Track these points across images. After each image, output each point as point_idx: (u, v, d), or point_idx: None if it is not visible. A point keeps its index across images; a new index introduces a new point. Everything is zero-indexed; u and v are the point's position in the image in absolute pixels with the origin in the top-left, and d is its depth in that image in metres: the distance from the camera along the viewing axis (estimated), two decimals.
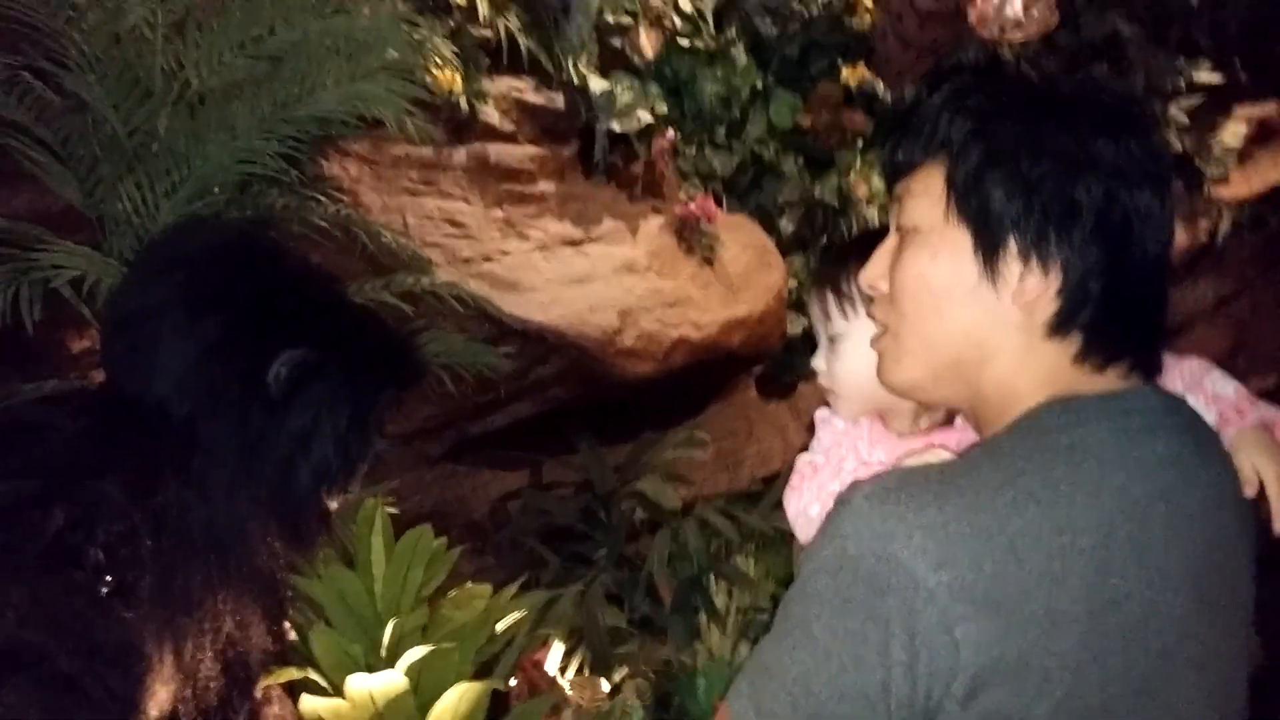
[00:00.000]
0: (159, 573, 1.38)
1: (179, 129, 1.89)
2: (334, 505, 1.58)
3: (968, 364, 0.94)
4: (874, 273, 1.01)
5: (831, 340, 1.23)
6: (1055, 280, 0.90)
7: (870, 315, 1.05)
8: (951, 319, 0.94)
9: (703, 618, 2.70)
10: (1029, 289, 0.91)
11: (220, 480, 1.42)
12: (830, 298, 1.21)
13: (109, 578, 1.28)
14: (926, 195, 0.95)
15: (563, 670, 2.57)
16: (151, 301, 1.43)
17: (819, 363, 1.26)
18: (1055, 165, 0.90)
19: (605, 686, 2.51)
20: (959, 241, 0.93)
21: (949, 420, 1.21)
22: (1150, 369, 0.95)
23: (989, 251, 0.91)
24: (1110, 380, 0.93)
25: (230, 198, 2.03)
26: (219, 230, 1.65)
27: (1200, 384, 1.09)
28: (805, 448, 1.32)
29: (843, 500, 0.87)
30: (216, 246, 1.51)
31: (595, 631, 2.59)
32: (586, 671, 2.60)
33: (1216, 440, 0.98)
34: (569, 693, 2.42)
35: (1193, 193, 4.71)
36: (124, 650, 1.30)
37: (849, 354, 1.19)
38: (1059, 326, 0.91)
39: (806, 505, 1.19)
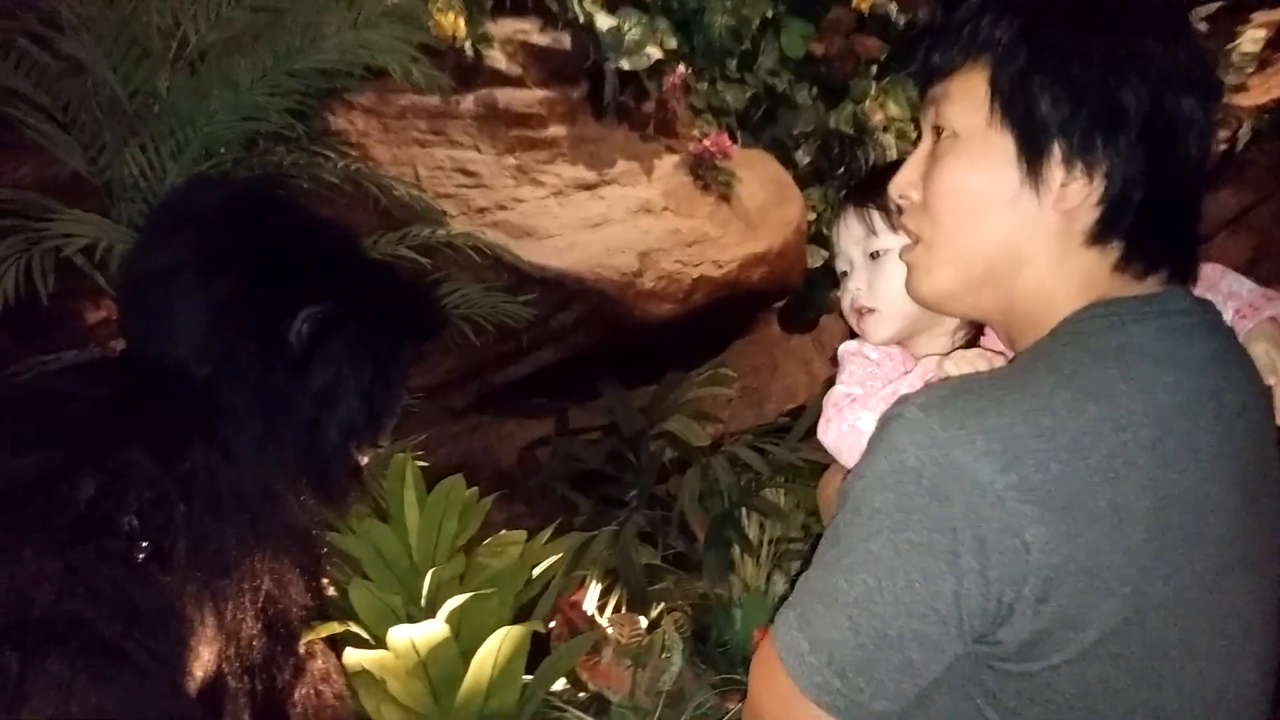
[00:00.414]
0: (192, 536, 1.38)
1: (181, 88, 1.85)
2: (364, 460, 1.57)
3: (1003, 273, 0.92)
4: (906, 179, 0.98)
5: (874, 257, 1.22)
6: (1099, 187, 0.88)
7: (900, 226, 1.02)
8: (990, 227, 0.91)
9: (736, 551, 2.70)
10: (1071, 195, 0.88)
11: (246, 441, 1.41)
12: (874, 212, 1.20)
13: (144, 543, 1.28)
14: (967, 99, 0.92)
15: (600, 609, 2.59)
16: (163, 263, 1.41)
17: (857, 283, 1.24)
18: (1103, 68, 0.87)
19: (643, 623, 2.53)
20: (1001, 147, 0.90)
21: (973, 343, 1.19)
22: (1186, 276, 0.93)
23: (1033, 158, 0.89)
24: (1149, 286, 0.91)
25: (237, 157, 2.00)
26: (228, 188, 1.62)
27: (1217, 285, 1.09)
28: (830, 381, 1.30)
29: (892, 415, 0.85)
30: (226, 204, 1.49)
31: (631, 570, 2.59)
32: (624, 609, 2.61)
33: (1240, 345, 0.97)
34: (608, 631, 2.44)
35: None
36: (163, 614, 1.30)
37: (896, 268, 1.16)
38: (1100, 234, 0.89)
39: (855, 422, 1.16)
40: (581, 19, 3.03)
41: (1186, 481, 0.83)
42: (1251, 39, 4.69)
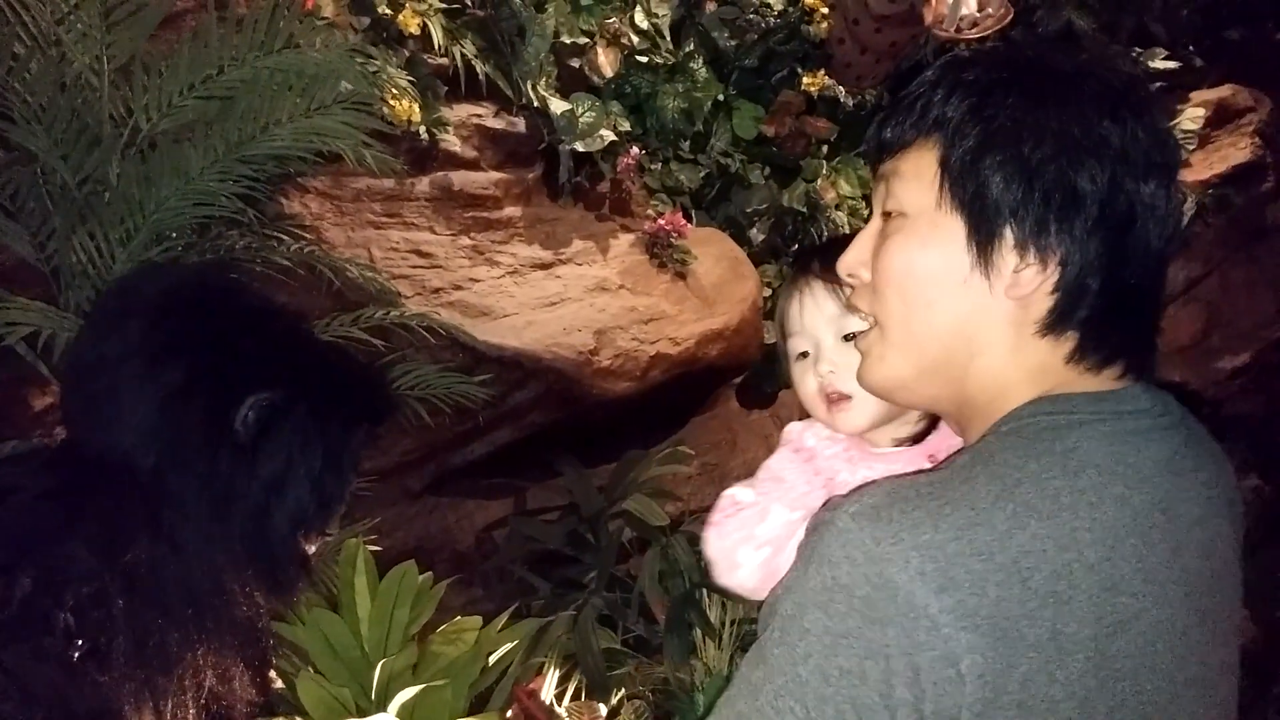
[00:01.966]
0: (133, 633, 1.34)
1: (131, 175, 1.85)
2: (312, 549, 1.54)
3: (954, 361, 0.88)
4: (855, 258, 0.94)
5: (848, 339, 1.11)
6: (1053, 274, 0.84)
7: (850, 306, 0.98)
8: (940, 311, 0.87)
9: (698, 634, 2.66)
10: (1024, 282, 0.85)
11: (192, 532, 1.38)
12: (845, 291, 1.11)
13: (80, 642, 1.24)
14: (917, 178, 0.89)
15: (559, 697, 2.53)
16: (108, 351, 1.39)
17: (828, 366, 1.13)
18: (1058, 149, 0.84)
19: (603, 710, 2.47)
20: (951, 229, 0.87)
21: (922, 436, 1.12)
22: (1144, 369, 0.89)
23: (984, 241, 0.85)
24: (1103, 381, 0.87)
25: (188, 242, 1.99)
26: (175, 274, 1.61)
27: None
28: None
29: (825, 523, 0.78)
30: (173, 291, 1.47)
31: (589, 655, 2.55)
32: (583, 696, 2.56)
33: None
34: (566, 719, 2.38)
35: None
36: (101, 716, 1.25)
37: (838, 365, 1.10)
38: (1054, 324, 0.86)
39: (734, 546, 1.09)
40: (535, 103, 3.08)
41: (1135, 606, 0.78)
42: (1191, 117, 4.87)
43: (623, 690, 2.62)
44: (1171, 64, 4.73)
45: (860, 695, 0.74)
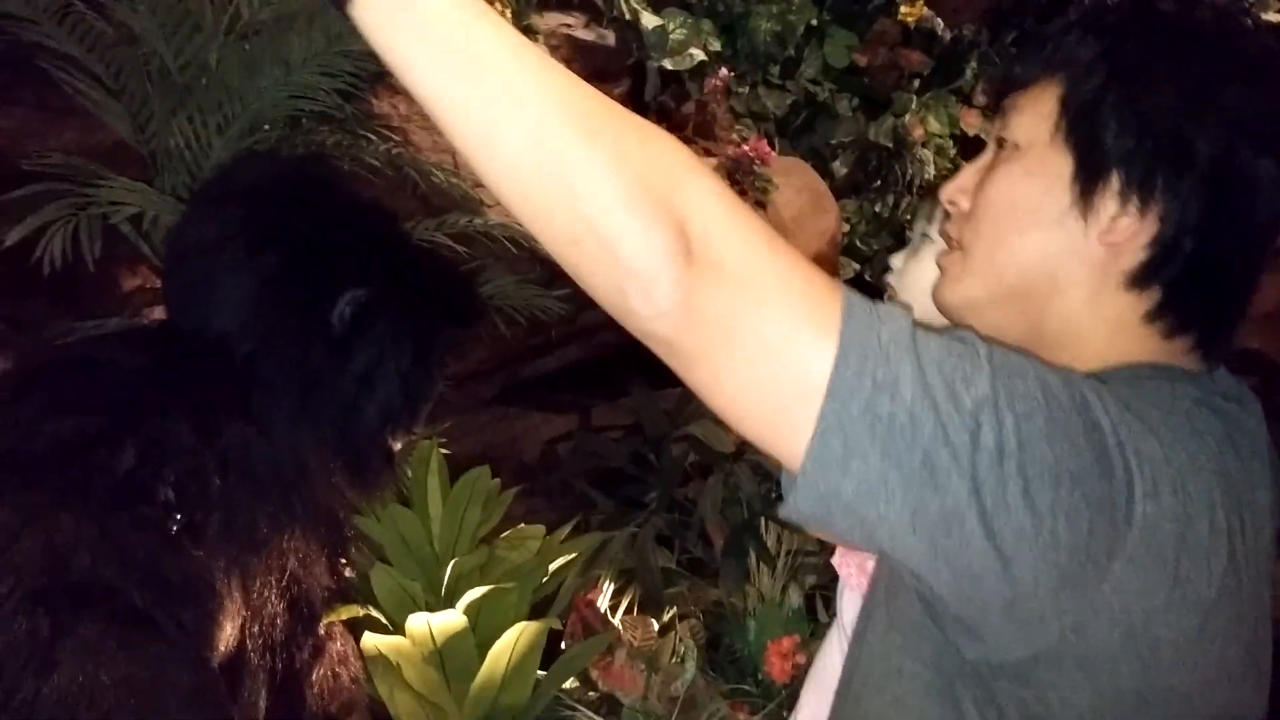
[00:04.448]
0: (226, 511, 1.37)
1: (231, 62, 1.85)
2: (398, 446, 1.57)
3: (1034, 296, 0.87)
4: (959, 185, 0.93)
5: (923, 237, 1.19)
6: (1150, 227, 0.82)
7: (942, 233, 0.97)
8: (1029, 242, 0.86)
9: (753, 560, 2.69)
10: (1120, 230, 0.83)
11: (284, 419, 1.40)
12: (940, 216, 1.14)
13: (178, 515, 1.28)
14: (1035, 112, 0.87)
15: (613, 608, 2.58)
16: (210, 236, 1.41)
17: (895, 260, 1.21)
18: (1179, 104, 0.81)
19: (655, 626, 2.51)
20: (1059, 165, 0.85)
21: None
22: (1216, 350, 0.87)
23: (1088, 183, 0.84)
24: (1174, 350, 0.85)
25: (282, 134, 2.00)
26: (276, 165, 1.62)
27: None
28: None
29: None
30: (274, 180, 1.48)
31: (647, 573, 2.58)
32: (636, 611, 2.60)
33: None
34: (621, 632, 2.42)
35: None
36: (193, 586, 1.30)
37: (930, 265, 1.12)
38: (1140, 278, 0.84)
39: None
40: (627, 16, 3.02)
41: (1240, 577, 0.77)
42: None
43: (675, 608, 2.66)
44: None
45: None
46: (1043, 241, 0.86)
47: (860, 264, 3.72)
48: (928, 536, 0.69)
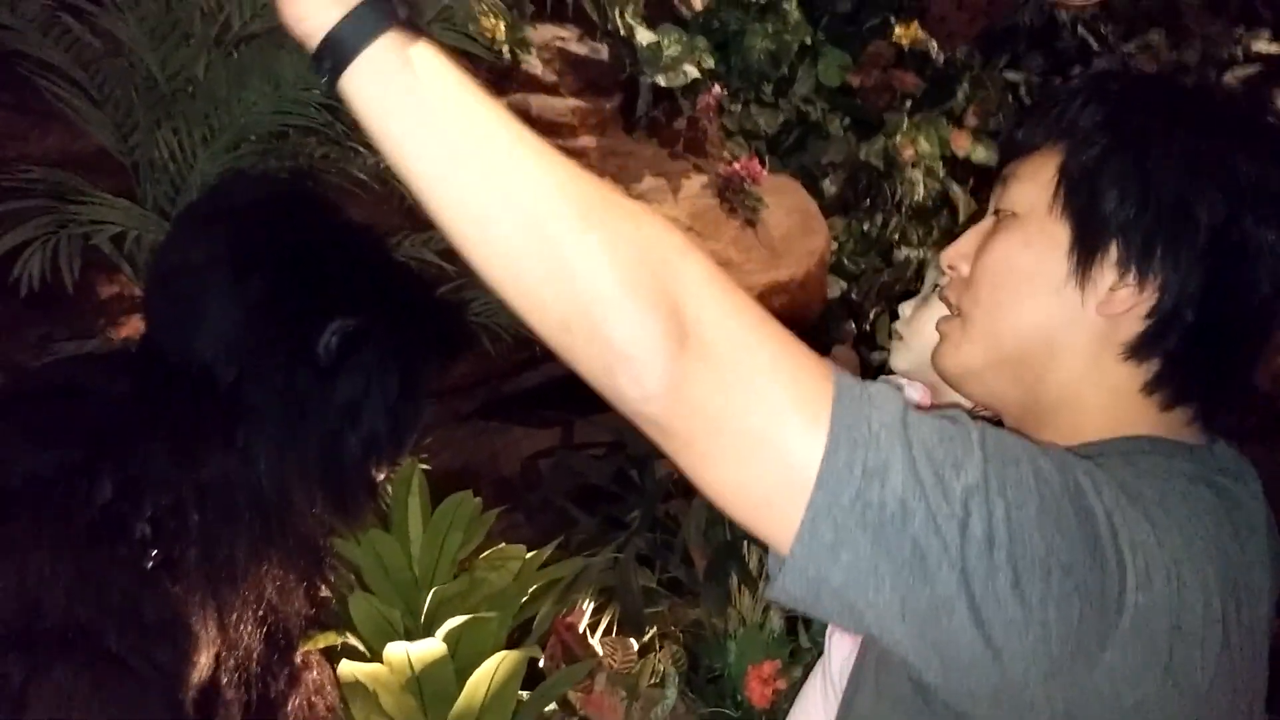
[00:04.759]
0: (204, 544, 1.35)
1: (219, 74, 1.81)
2: (381, 476, 1.54)
3: (1032, 364, 0.86)
4: (959, 251, 0.92)
5: (934, 287, 1.20)
6: (1149, 298, 0.81)
7: (942, 298, 0.96)
8: (1027, 311, 0.85)
9: (734, 582, 2.67)
10: (1118, 301, 0.82)
11: (267, 450, 1.37)
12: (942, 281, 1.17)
13: (155, 552, 1.25)
14: (1034, 180, 0.87)
15: (592, 628, 2.55)
16: (195, 259, 1.38)
17: (905, 308, 1.20)
18: (1180, 173, 0.81)
19: (635, 646, 2.49)
20: (1057, 234, 0.84)
21: None
22: (1217, 422, 0.86)
23: (1087, 253, 0.83)
24: (1173, 422, 0.84)
25: (268, 147, 1.96)
26: (265, 184, 1.59)
27: None
28: None
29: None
30: (262, 202, 1.45)
31: (628, 595, 2.56)
32: (615, 630, 2.58)
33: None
34: (600, 654, 2.40)
35: None
36: (169, 626, 1.27)
37: (939, 307, 1.15)
38: (1139, 349, 0.82)
39: None
40: (621, 31, 3.00)
41: (1236, 662, 0.77)
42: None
43: (655, 628, 2.64)
44: (1274, 46, 4.52)
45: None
46: (1040, 311, 0.85)
47: (848, 282, 3.72)
48: (917, 625, 0.68)
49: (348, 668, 1.76)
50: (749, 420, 0.68)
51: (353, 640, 1.82)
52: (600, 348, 0.68)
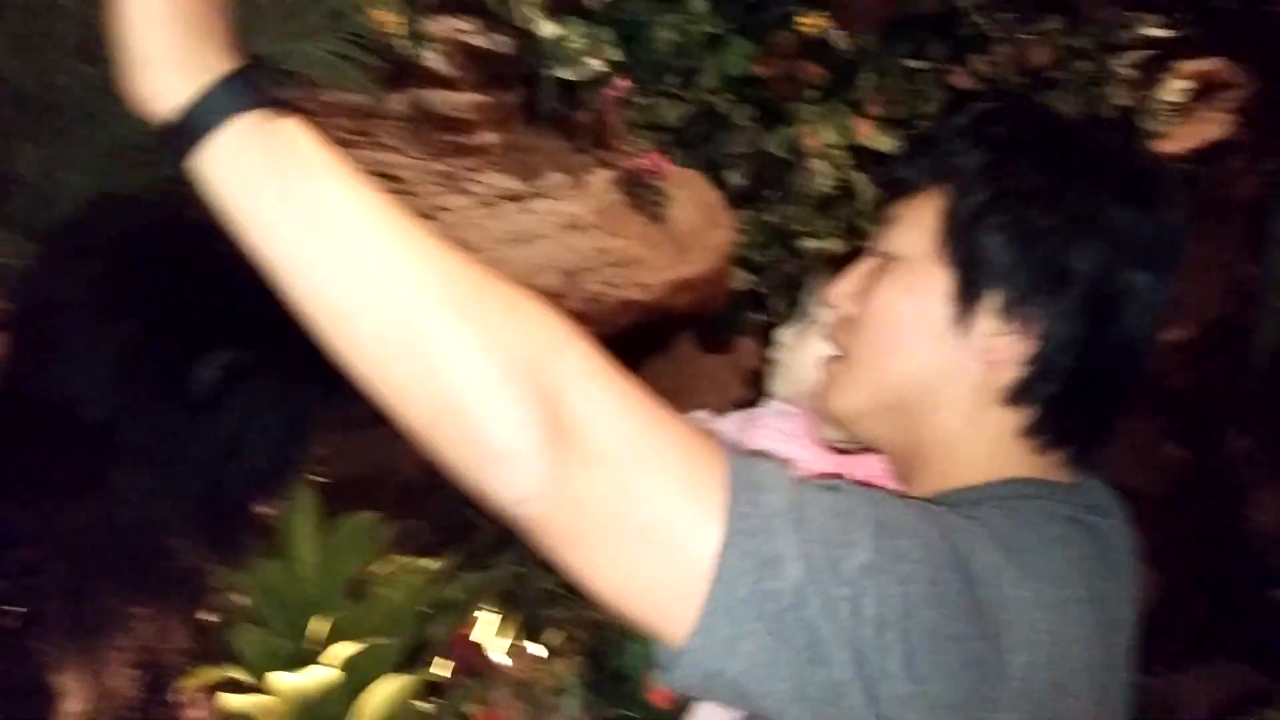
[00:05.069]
0: (72, 596, 1.29)
1: (90, 81, 1.71)
2: (267, 511, 1.49)
3: (912, 409, 0.88)
4: (844, 291, 0.93)
5: (809, 320, 1.19)
6: (1029, 346, 0.83)
7: (828, 337, 0.97)
8: (909, 358, 0.87)
9: None
10: (998, 349, 0.84)
11: (140, 493, 1.32)
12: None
13: (15, 609, 1.19)
14: (918, 225, 0.88)
15: (493, 636, 2.53)
16: (61, 296, 1.31)
17: (785, 335, 1.21)
18: (1061, 223, 0.82)
19: (543, 653, 2.48)
20: (938, 280, 0.85)
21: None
22: (1090, 462, 0.88)
23: (968, 301, 0.84)
24: (1049, 464, 0.86)
25: (143, 159, 1.86)
26: (135, 211, 1.51)
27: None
28: (743, 405, 1.28)
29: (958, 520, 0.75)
30: (134, 232, 1.38)
31: (529, 602, 2.54)
32: (513, 635, 2.56)
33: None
34: (501, 664, 2.39)
35: None
36: (32, 687, 1.21)
37: (816, 336, 1.15)
38: (1018, 396, 0.84)
39: None
40: (523, 23, 2.93)
41: (1076, 707, 0.78)
42: (1175, 89, 4.82)
43: (556, 632, 2.63)
44: (1162, 31, 4.66)
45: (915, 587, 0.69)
46: (921, 358, 0.86)
47: (753, 274, 3.73)
48: (812, 709, 0.68)
49: (231, 701, 1.71)
50: (638, 517, 0.67)
51: (237, 673, 1.76)
52: (470, 446, 0.66)
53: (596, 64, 3.05)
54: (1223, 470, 4.40)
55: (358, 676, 1.80)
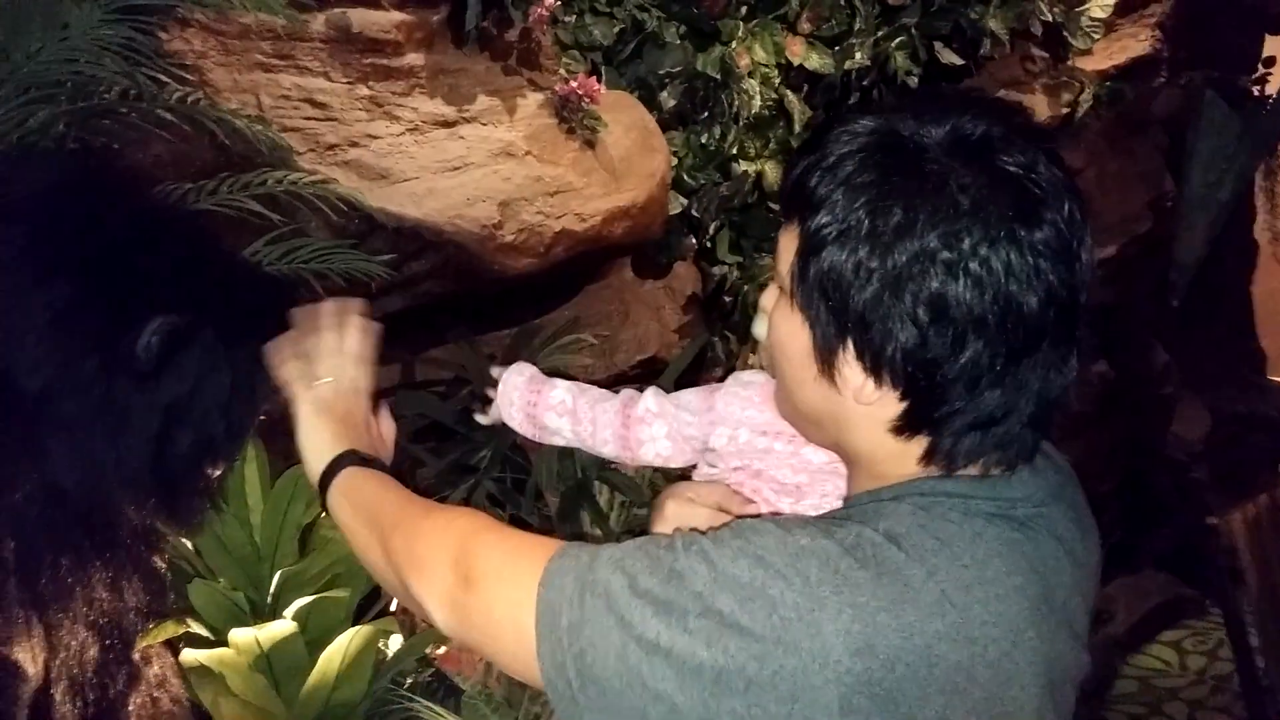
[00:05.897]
0: (22, 572, 1.24)
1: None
2: (217, 473, 1.45)
3: (828, 427, 0.91)
4: (760, 306, 0.96)
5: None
6: (896, 386, 0.83)
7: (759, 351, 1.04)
8: (807, 393, 0.90)
9: (586, 521, 2.69)
10: (868, 394, 0.84)
11: (84, 463, 1.27)
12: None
13: None
14: (785, 261, 0.89)
15: None
16: None
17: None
18: (911, 267, 0.79)
19: None
20: (802, 329, 0.87)
21: None
22: (1009, 454, 0.87)
23: (826, 353, 0.85)
24: (965, 474, 0.87)
25: (60, 93, 1.75)
26: (60, 166, 1.42)
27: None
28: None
29: (775, 528, 0.82)
30: (60, 190, 1.31)
31: None
32: None
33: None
34: None
35: (1057, 64, 4.75)
36: None
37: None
38: (904, 428, 0.85)
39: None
40: None
41: (1023, 698, 0.82)
42: (1100, 5, 4.81)
43: None
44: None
45: (724, 674, 0.77)
46: (812, 395, 0.89)
47: (687, 197, 3.69)
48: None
49: (190, 655, 1.69)
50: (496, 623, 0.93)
51: (196, 628, 1.74)
52: (415, 606, 1.04)
53: None
54: (1147, 385, 4.55)
55: (314, 628, 1.79)
